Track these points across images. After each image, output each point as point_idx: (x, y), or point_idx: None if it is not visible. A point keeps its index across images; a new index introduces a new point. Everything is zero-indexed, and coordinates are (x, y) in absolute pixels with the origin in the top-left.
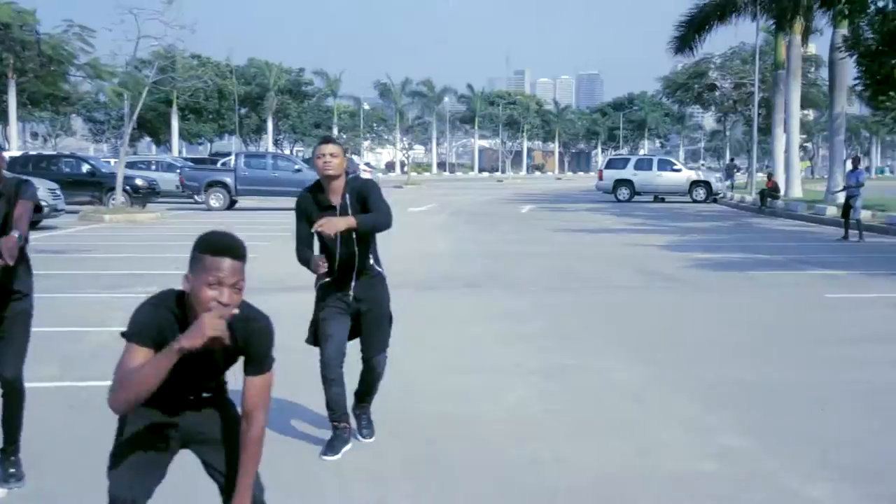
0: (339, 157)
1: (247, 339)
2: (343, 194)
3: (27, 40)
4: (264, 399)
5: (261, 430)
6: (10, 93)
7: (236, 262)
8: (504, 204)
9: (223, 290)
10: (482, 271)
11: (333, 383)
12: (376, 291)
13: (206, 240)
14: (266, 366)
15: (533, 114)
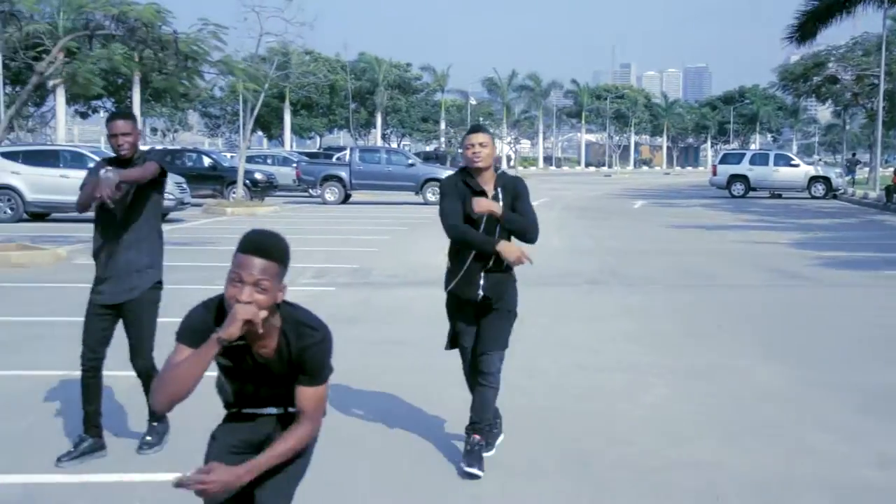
0: (488, 147)
1: (301, 350)
2: (495, 186)
3: (166, 39)
4: (316, 409)
5: (306, 433)
6: (134, 89)
7: (261, 261)
8: (615, 199)
9: (244, 288)
10: (602, 268)
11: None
12: (505, 288)
13: (243, 237)
14: (320, 378)
15: (641, 108)
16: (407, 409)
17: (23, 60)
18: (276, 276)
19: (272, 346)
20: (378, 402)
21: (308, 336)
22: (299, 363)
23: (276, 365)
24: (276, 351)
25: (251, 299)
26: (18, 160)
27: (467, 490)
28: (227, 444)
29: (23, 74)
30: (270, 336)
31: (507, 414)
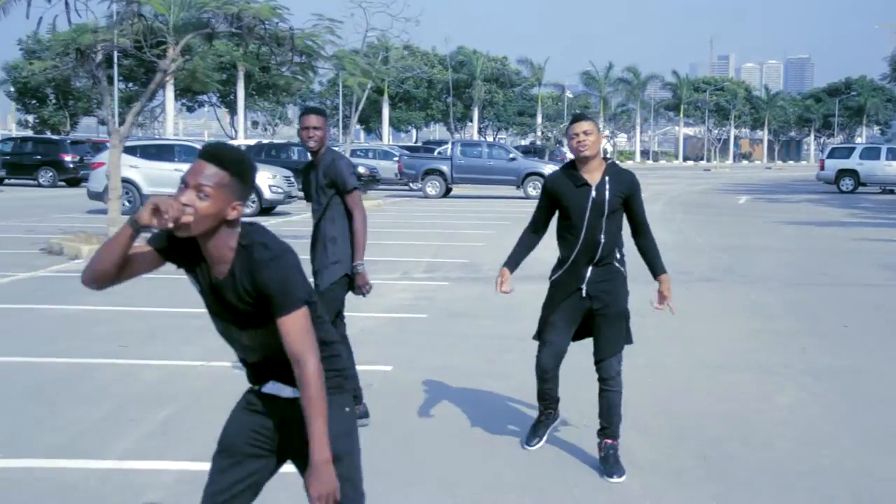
0: (593, 135)
1: (254, 269)
2: (603, 177)
3: (282, 36)
4: (303, 341)
5: (313, 372)
6: (238, 84)
7: (211, 167)
8: (718, 194)
9: (185, 192)
10: (715, 264)
11: (546, 380)
12: (612, 286)
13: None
14: (290, 302)
15: (741, 100)
16: (561, 412)
17: (148, 58)
18: (226, 188)
19: (225, 270)
20: (509, 401)
21: (260, 253)
22: (256, 287)
23: (230, 289)
24: (229, 273)
25: (188, 202)
26: (136, 154)
27: (612, 491)
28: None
29: (134, 72)
30: (225, 258)
31: (639, 413)
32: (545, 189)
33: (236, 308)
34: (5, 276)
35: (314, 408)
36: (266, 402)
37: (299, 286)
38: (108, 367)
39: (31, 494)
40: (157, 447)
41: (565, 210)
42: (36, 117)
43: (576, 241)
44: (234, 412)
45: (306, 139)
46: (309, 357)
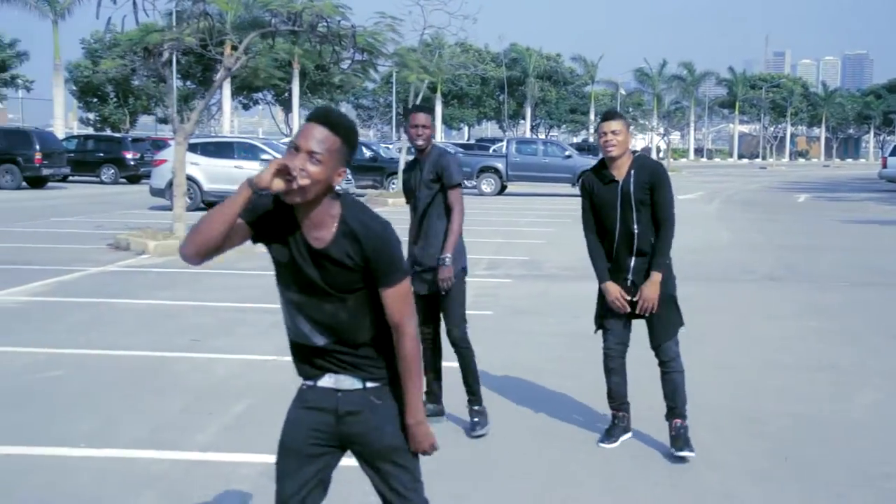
0: (622, 135)
1: (360, 244)
2: (628, 170)
3: (343, 34)
4: (405, 310)
5: (413, 340)
6: (294, 82)
7: (323, 130)
8: (775, 192)
9: (297, 156)
10: (778, 263)
11: (613, 372)
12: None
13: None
14: (397, 274)
15: (798, 97)
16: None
17: (212, 56)
18: (335, 153)
19: (328, 237)
20: (581, 399)
21: (371, 223)
22: (366, 259)
23: (334, 255)
24: (333, 241)
25: (302, 166)
26: (197, 152)
27: (690, 489)
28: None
29: (191, 70)
30: (326, 225)
31: (711, 413)
32: (583, 189)
33: (331, 277)
34: (77, 270)
35: (410, 372)
36: (323, 397)
37: (403, 258)
38: (181, 360)
39: (120, 484)
40: (236, 440)
41: (599, 207)
42: (97, 115)
43: (613, 234)
44: (291, 413)
45: (415, 137)
46: (409, 322)
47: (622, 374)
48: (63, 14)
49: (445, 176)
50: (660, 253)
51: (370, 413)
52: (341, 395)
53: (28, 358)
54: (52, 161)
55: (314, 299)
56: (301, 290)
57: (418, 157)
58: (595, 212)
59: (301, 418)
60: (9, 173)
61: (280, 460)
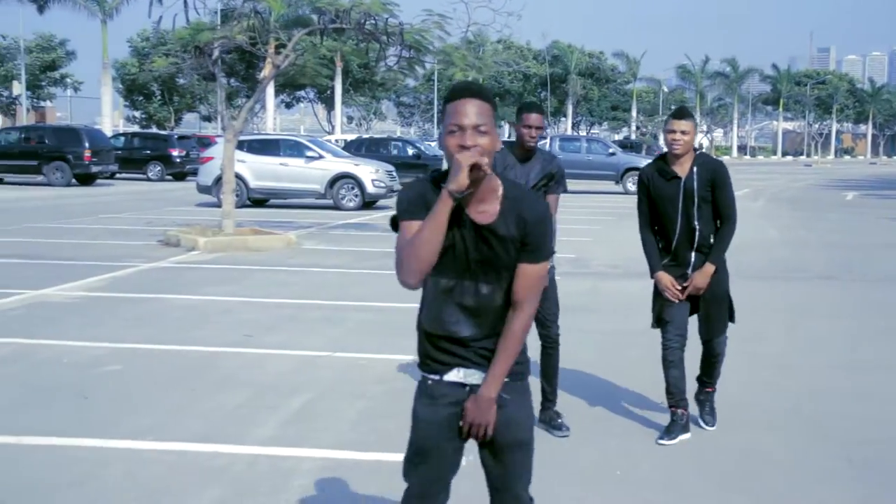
0: (689, 135)
1: (520, 216)
2: (690, 168)
3: (392, 31)
4: (536, 289)
5: (526, 322)
6: (336, 80)
7: (476, 102)
8: (822, 190)
9: (464, 133)
10: (831, 262)
11: (672, 366)
12: (718, 270)
13: (450, 90)
14: (544, 252)
15: (843, 94)
16: (691, 410)
17: (262, 54)
18: (492, 118)
19: (493, 211)
20: (639, 397)
21: (532, 198)
22: (523, 231)
23: (499, 230)
24: (499, 214)
25: (474, 143)
26: (243, 149)
27: (753, 491)
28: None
29: (235, 68)
30: (490, 200)
31: (772, 414)
32: (641, 183)
33: (494, 253)
34: (129, 266)
35: (509, 350)
36: (451, 391)
37: (550, 237)
38: (236, 355)
39: (188, 475)
40: (296, 434)
41: (660, 202)
42: (142, 113)
43: (674, 231)
44: (420, 412)
45: (529, 137)
46: (531, 305)
47: (681, 368)
48: (111, 14)
49: (557, 179)
50: (718, 249)
51: (500, 407)
52: (470, 389)
53: (88, 352)
54: (100, 158)
55: (470, 282)
56: (458, 273)
57: (524, 155)
58: (652, 207)
59: (433, 415)
60: (59, 170)
61: (417, 464)
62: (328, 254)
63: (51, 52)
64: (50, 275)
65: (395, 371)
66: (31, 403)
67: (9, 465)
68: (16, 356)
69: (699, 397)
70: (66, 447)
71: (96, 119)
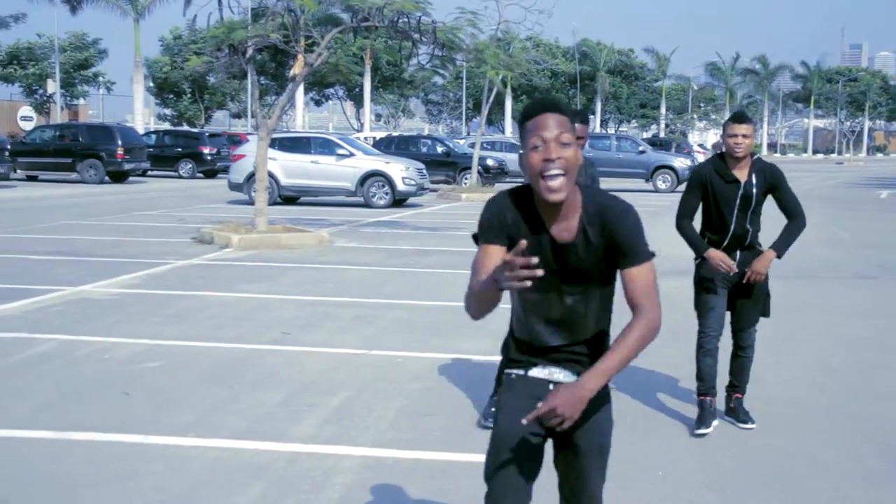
0: (750, 138)
1: (604, 225)
2: (749, 172)
3: (424, 29)
4: (651, 292)
5: (646, 327)
6: (365, 78)
7: (555, 115)
8: (855, 188)
9: (548, 146)
10: (868, 261)
11: (708, 354)
12: None
13: (525, 108)
14: (641, 254)
15: (876, 91)
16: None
17: (295, 52)
18: (571, 130)
19: (575, 226)
20: (678, 396)
21: (614, 204)
22: (610, 239)
23: (581, 246)
24: (581, 230)
25: (559, 154)
26: (275, 147)
27: (799, 493)
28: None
29: (266, 66)
30: (572, 215)
31: (815, 414)
32: (697, 178)
33: (576, 268)
34: (164, 263)
35: (622, 349)
36: (534, 386)
37: (645, 239)
38: (274, 353)
39: (230, 472)
40: (336, 433)
41: (715, 202)
42: (173, 111)
43: (726, 231)
44: (504, 403)
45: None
46: (653, 309)
47: (715, 357)
48: (143, 13)
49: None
50: (786, 240)
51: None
52: (553, 386)
53: (128, 348)
54: (133, 156)
55: (553, 295)
56: (543, 288)
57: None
58: (705, 204)
59: (514, 404)
60: (92, 168)
61: (495, 455)
62: (360, 251)
63: (84, 51)
64: (87, 272)
65: (431, 369)
66: (73, 399)
67: (53, 460)
68: (58, 352)
69: (730, 405)
70: (110, 443)
71: (127, 117)
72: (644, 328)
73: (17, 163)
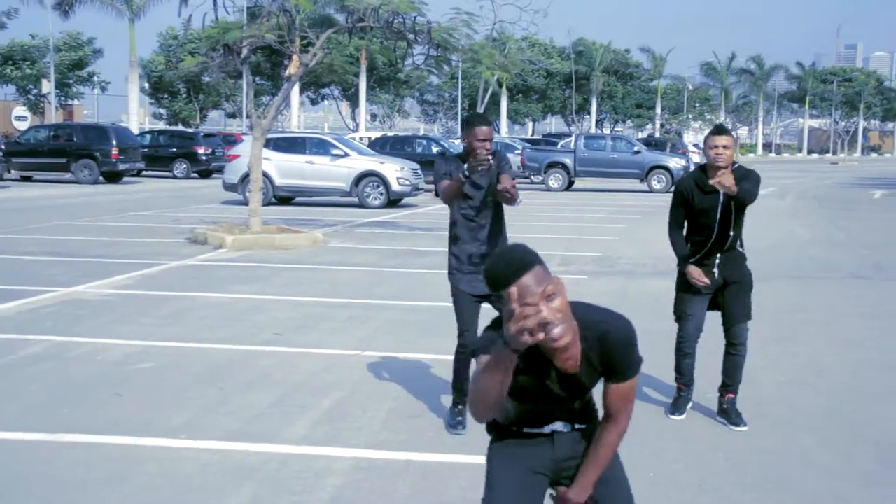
0: (730, 149)
1: (603, 353)
2: None
3: (419, 29)
4: (628, 402)
5: (620, 434)
6: (360, 77)
7: (529, 275)
8: (849, 188)
9: (539, 307)
10: (862, 261)
11: (687, 356)
12: (739, 265)
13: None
14: (630, 373)
15: (870, 91)
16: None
17: (290, 52)
18: (549, 277)
19: (577, 355)
20: (668, 394)
21: (609, 332)
22: (608, 362)
23: (586, 376)
24: (584, 358)
25: (552, 318)
26: (269, 147)
27: (795, 492)
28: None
29: (261, 66)
30: (574, 343)
31: (809, 414)
32: (679, 194)
33: (578, 388)
34: (158, 264)
35: (600, 459)
36: (540, 440)
37: (638, 352)
38: (267, 354)
39: (221, 474)
40: (328, 434)
41: (696, 212)
42: (168, 111)
43: (709, 237)
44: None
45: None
46: (625, 419)
47: (693, 357)
48: (139, 13)
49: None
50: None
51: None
52: (553, 434)
53: (120, 350)
54: (127, 156)
55: (553, 405)
56: (537, 401)
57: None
58: (689, 216)
59: (517, 454)
60: (87, 168)
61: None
62: (354, 252)
63: (78, 51)
64: (80, 272)
65: (423, 370)
66: (66, 401)
67: (45, 462)
68: (50, 353)
69: (723, 406)
70: (102, 444)
71: (122, 116)
72: (616, 438)
73: (11, 163)
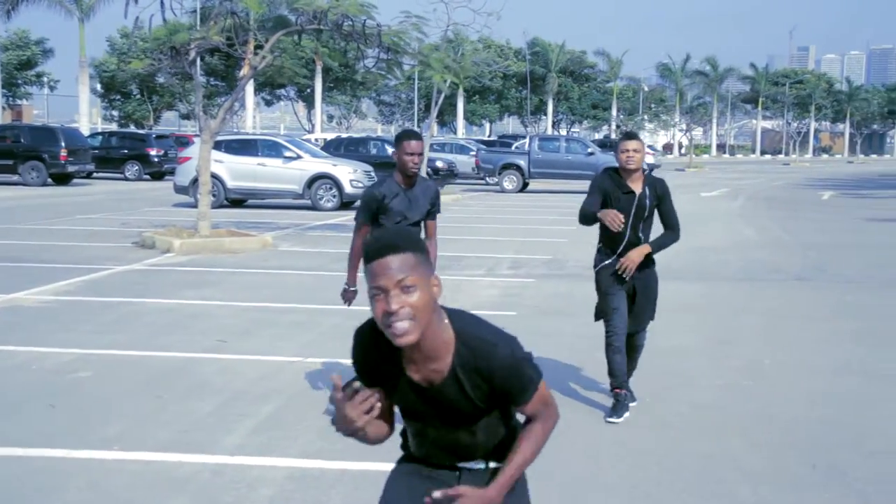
0: (640, 153)
1: (484, 374)
2: (643, 184)
3: (369, 33)
4: (546, 406)
5: (545, 429)
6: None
7: (395, 257)
8: (799, 189)
9: (389, 296)
10: (806, 263)
11: (618, 351)
12: (650, 271)
13: (365, 250)
14: (531, 391)
15: (822, 93)
16: (661, 414)
17: (238, 54)
18: (419, 268)
19: (444, 368)
20: (605, 399)
21: (494, 350)
22: (491, 386)
23: (452, 392)
24: (450, 372)
25: (399, 305)
26: (221, 149)
27: (723, 497)
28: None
29: (215, 68)
30: (443, 355)
31: (740, 418)
32: (598, 185)
33: (454, 410)
34: (102, 269)
35: (526, 453)
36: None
37: (531, 367)
38: (208, 361)
39: (151, 487)
40: (264, 443)
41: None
42: (120, 112)
43: (622, 237)
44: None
45: (412, 165)
46: (550, 416)
47: (623, 353)
48: (89, 12)
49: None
50: (660, 242)
51: None
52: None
53: (56, 358)
54: (77, 158)
55: (441, 430)
56: (425, 422)
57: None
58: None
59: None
60: (34, 170)
61: None
62: (304, 255)
63: (26, 50)
64: (22, 278)
65: None
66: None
67: None
68: None
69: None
70: (31, 458)
71: (74, 117)
72: (540, 431)
73: None
